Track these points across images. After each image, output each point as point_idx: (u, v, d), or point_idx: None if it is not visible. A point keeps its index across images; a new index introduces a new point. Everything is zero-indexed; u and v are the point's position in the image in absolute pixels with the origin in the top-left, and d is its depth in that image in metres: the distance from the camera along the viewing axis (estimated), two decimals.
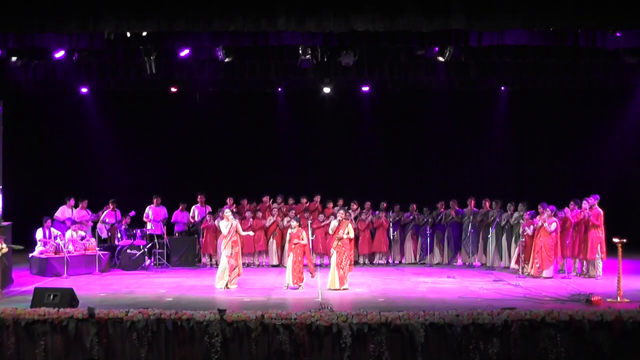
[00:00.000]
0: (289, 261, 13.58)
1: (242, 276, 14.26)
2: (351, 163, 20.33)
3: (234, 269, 13.53)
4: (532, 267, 14.84)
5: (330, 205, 17.06)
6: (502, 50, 14.45)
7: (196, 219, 16.95)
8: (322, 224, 16.42)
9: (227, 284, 13.48)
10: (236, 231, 13.65)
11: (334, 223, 13.72)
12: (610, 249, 14.18)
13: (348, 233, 13.57)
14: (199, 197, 17.15)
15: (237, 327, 10.36)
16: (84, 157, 19.80)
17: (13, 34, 12.79)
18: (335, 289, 13.29)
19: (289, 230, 13.74)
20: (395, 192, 18.71)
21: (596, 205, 14.71)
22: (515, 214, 15.90)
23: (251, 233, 15.23)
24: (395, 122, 20.16)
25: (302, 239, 13.58)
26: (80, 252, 15.50)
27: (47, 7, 11.42)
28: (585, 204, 14.71)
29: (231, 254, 13.51)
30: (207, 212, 16.85)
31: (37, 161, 19.56)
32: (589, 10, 11.29)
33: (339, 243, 13.52)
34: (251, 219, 16.58)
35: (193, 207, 17.11)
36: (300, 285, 13.44)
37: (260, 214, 16.81)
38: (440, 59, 14.56)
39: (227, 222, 13.63)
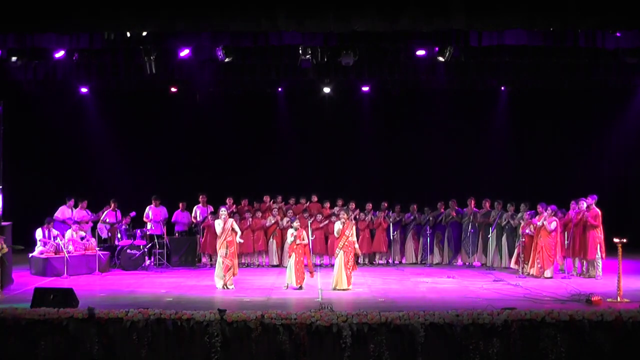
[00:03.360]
0: (290, 261, 13.57)
1: (241, 276, 14.28)
2: (351, 163, 20.33)
3: (229, 269, 13.50)
4: (532, 267, 14.84)
5: (328, 205, 17.06)
6: (502, 50, 14.47)
7: (198, 218, 16.94)
8: (322, 224, 16.43)
9: (224, 285, 13.47)
10: (232, 230, 13.59)
11: (338, 225, 13.73)
12: (610, 249, 14.18)
13: (353, 234, 13.61)
14: (200, 197, 17.14)
15: (237, 327, 10.35)
16: (84, 158, 19.79)
17: (13, 34, 12.80)
18: (343, 289, 13.30)
19: (290, 231, 13.73)
20: (395, 192, 18.71)
21: (594, 205, 14.71)
22: (516, 215, 15.89)
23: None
24: (395, 122, 20.16)
25: (303, 239, 13.60)
26: (80, 252, 15.50)
27: (47, 7, 11.41)
28: (581, 204, 14.72)
29: (226, 254, 13.49)
30: (209, 212, 16.85)
31: (37, 161, 19.55)
32: (589, 10, 11.29)
33: (346, 243, 13.55)
34: (250, 219, 16.58)
35: (195, 207, 17.11)
36: (301, 286, 13.45)
37: (260, 214, 16.80)
38: (440, 59, 14.58)
39: (222, 222, 13.62)
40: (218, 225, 13.62)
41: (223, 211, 13.82)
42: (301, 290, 13.33)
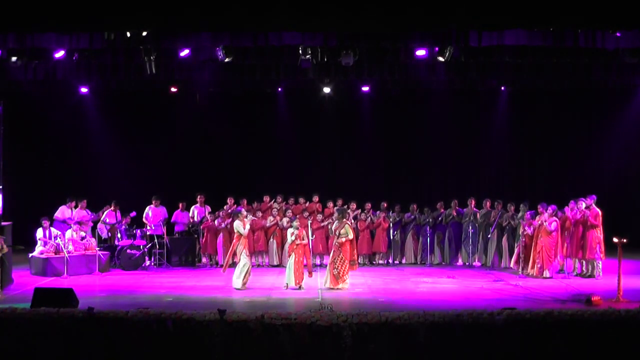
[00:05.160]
0: (290, 261, 13.61)
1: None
2: (351, 163, 20.35)
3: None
4: (532, 267, 14.84)
5: (330, 205, 17.07)
6: (502, 50, 14.46)
7: (196, 219, 16.95)
8: (322, 224, 16.43)
9: (244, 284, 13.52)
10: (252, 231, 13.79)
11: (334, 224, 13.81)
12: (610, 249, 14.19)
13: (346, 234, 13.58)
14: (198, 197, 17.15)
15: (237, 327, 10.34)
16: (84, 158, 19.80)
17: (13, 34, 12.80)
18: (330, 288, 13.35)
19: (290, 230, 13.76)
20: (395, 192, 18.72)
21: (594, 205, 14.72)
22: (516, 215, 15.89)
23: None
24: (395, 122, 20.17)
25: (303, 239, 13.64)
26: (80, 252, 15.50)
27: (47, 7, 11.42)
28: (580, 204, 14.72)
29: (249, 254, 13.64)
30: (207, 212, 16.86)
31: (37, 161, 19.57)
32: (589, 10, 11.29)
33: (336, 243, 13.58)
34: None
35: (192, 207, 17.12)
36: (300, 286, 13.47)
37: (260, 214, 16.80)
38: (440, 59, 14.57)
39: (241, 224, 13.66)
40: (239, 226, 13.62)
41: (244, 212, 13.88)
42: (301, 290, 13.35)
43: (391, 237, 16.87)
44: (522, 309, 10.56)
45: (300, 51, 14.24)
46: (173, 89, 18.72)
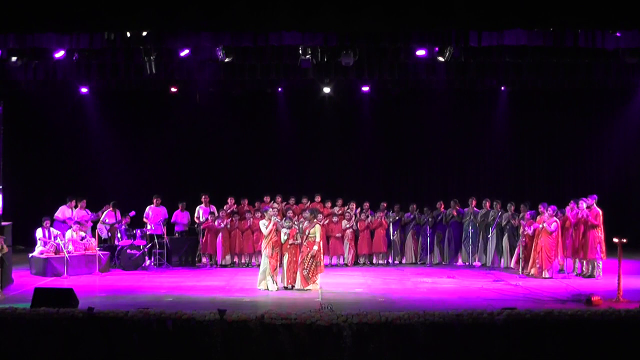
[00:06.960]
0: (284, 261, 13.63)
1: (241, 276, 14.34)
2: (351, 163, 20.35)
3: (275, 269, 13.59)
4: (532, 267, 14.85)
5: (329, 205, 17.07)
6: (502, 50, 14.46)
7: (201, 219, 16.93)
8: (321, 223, 16.40)
9: (269, 283, 13.46)
10: (276, 230, 13.62)
11: (305, 224, 13.79)
12: (610, 249, 14.19)
13: (314, 235, 13.60)
14: (203, 197, 17.15)
15: (237, 327, 10.34)
16: (84, 157, 19.80)
17: (13, 34, 12.80)
18: (298, 289, 13.44)
19: (284, 230, 13.75)
20: (395, 192, 18.73)
21: (594, 205, 14.72)
22: (517, 215, 15.89)
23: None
24: (395, 122, 20.18)
25: (296, 239, 13.66)
26: (80, 252, 15.50)
27: (47, 7, 11.42)
28: (581, 204, 14.73)
29: (272, 254, 13.54)
30: (210, 212, 16.86)
31: (37, 161, 19.57)
32: (589, 10, 11.29)
33: (304, 243, 13.64)
34: (251, 219, 16.57)
35: (198, 207, 17.10)
36: (293, 285, 13.51)
37: (260, 214, 16.77)
38: (440, 59, 14.57)
39: (266, 222, 13.64)
40: (263, 225, 13.62)
41: (270, 211, 13.86)
42: (293, 289, 13.37)
43: (391, 237, 16.87)
44: (522, 309, 10.56)
45: (300, 51, 14.24)
46: (173, 89, 18.71)
